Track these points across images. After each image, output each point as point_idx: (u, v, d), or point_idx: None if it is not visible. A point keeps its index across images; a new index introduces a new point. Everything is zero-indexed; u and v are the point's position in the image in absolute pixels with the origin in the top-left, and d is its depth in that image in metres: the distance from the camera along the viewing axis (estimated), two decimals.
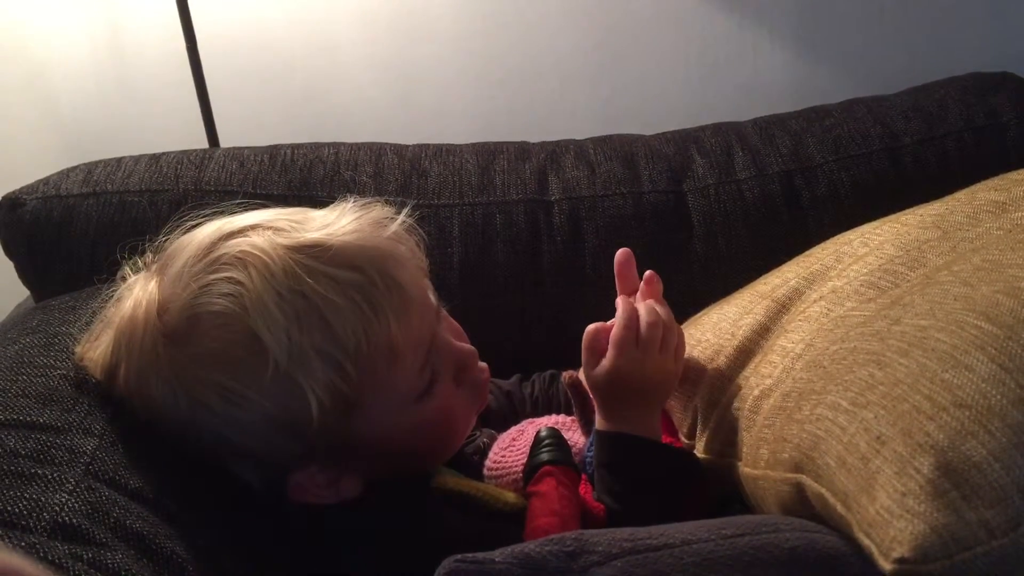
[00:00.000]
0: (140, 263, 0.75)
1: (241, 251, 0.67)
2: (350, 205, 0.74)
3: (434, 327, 0.75)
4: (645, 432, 0.78)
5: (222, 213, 0.74)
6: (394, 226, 0.74)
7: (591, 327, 0.79)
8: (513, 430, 0.86)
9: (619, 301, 0.80)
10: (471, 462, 0.84)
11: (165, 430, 0.69)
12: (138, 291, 0.71)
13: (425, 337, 0.73)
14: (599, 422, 0.79)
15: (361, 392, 0.68)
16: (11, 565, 0.38)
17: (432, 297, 0.76)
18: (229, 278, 0.66)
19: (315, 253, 0.67)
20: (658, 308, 0.79)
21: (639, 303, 0.80)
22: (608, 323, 0.79)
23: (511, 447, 0.83)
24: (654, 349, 0.77)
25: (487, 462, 0.83)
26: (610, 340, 0.77)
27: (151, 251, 0.75)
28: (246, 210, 0.74)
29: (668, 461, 0.79)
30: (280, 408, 0.66)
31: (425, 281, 0.75)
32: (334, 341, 0.66)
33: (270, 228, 0.69)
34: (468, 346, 0.79)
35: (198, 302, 0.66)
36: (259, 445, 0.69)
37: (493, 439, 0.86)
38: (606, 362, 0.77)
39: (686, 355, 0.84)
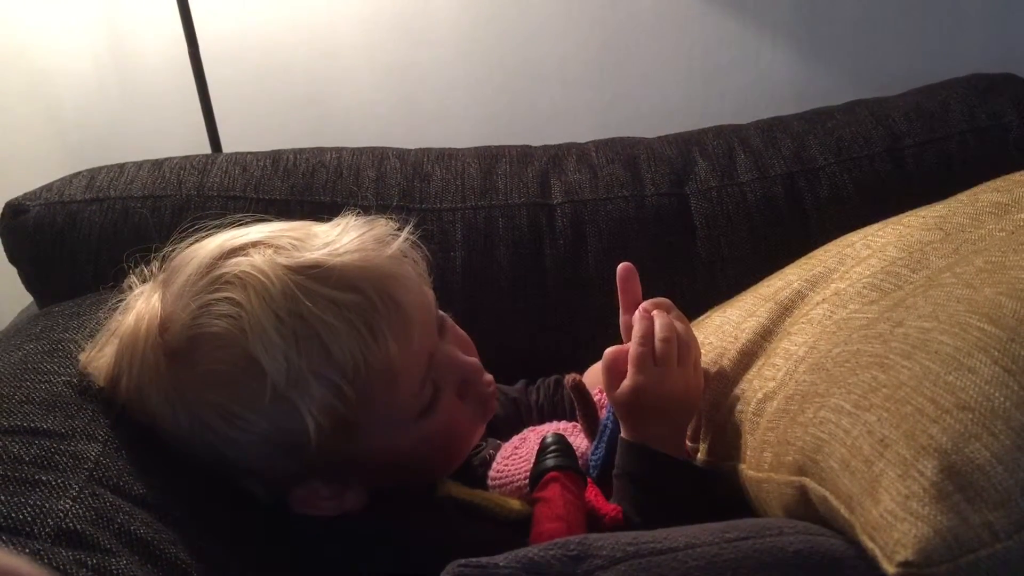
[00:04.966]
0: (146, 272, 0.75)
1: (241, 271, 0.67)
2: (353, 221, 0.74)
3: (435, 343, 0.75)
4: (670, 448, 0.78)
5: (228, 224, 0.74)
6: (397, 243, 0.73)
7: (609, 350, 0.79)
8: (515, 439, 0.86)
9: (635, 318, 0.79)
10: (476, 473, 0.84)
11: (168, 442, 0.69)
12: (141, 304, 0.71)
13: (425, 354, 0.73)
14: (624, 434, 0.79)
15: (360, 413, 0.68)
16: (14, 567, 0.38)
17: (435, 311, 0.76)
18: (228, 298, 0.66)
19: (315, 274, 0.67)
20: (676, 323, 0.79)
21: (656, 318, 0.79)
22: (625, 345, 0.79)
23: (514, 455, 0.83)
24: (672, 363, 0.76)
25: (490, 472, 0.83)
26: (628, 358, 0.77)
27: (157, 260, 0.75)
28: (252, 220, 0.74)
29: (689, 478, 0.78)
30: (278, 430, 0.66)
31: (428, 296, 0.75)
32: (332, 364, 0.66)
33: (271, 246, 0.69)
34: (473, 360, 0.79)
35: (198, 322, 0.66)
36: (259, 464, 0.69)
37: (498, 449, 0.86)
38: (627, 381, 0.76)
39: None
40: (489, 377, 0.80)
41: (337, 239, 0.71)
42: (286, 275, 0.67)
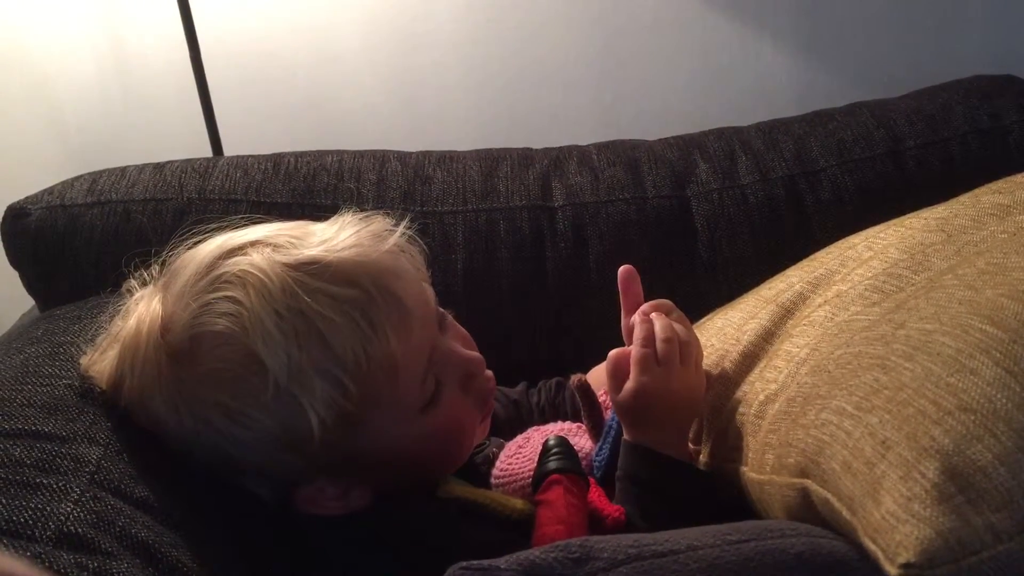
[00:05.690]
0: (146, 276, 0.76)
1: (241, 270, 0.67)
2: (350, 218, 0.74)
3: (435, 337, 0.75)
4: (672, 451, 0.78)
5: (226, 227, 0.74)
6: (393, 238, 0.74)
7: (613, 352, 0.79)
8: (519, 438, 0.86)
9: (635, 322, 0.79)
10: (479, 472, 0.84)
11: (171, 445, 0.69)
12: (142, 307, 0.71)
13: (425, 348, 0.73)
14: (627, 435, 0.79)
15: (362, 408, 0.68)
16: (14, 571, 0.38)
17: (434, 306, 0.76)
18: (229, 297, 0.67)
19: (313, 270, 0.67)
20: (675, 324, 0.79)
21: (655, 320, 0.79)
22: (627, 348, 0.79)
23: (517, 454, 0.83)
24: (675, 363, 0.77)
25: (494, 471, 0.83)
26: (631, 360, 0.77)
27: (157, 264, 0.75)
28: (250, 223, 0.75)
29: (691, 480, 0.78)
30: (282, 426, 0.67)
31: (427, 291, 0.75)
32: (333, 358, 0.66)
33: (270, 245, 0.70)
34: (475, 354, 0.79)
35: (199, 321, 0.67)
36: (263, 462, 0.69)
37: (501, 448, 0.86)
38: (630, 383, 0.76)
39: None
40: (490, 372, 0.80)
41: (334, 236, 0.71)
42: (285, 272, 0.67)
